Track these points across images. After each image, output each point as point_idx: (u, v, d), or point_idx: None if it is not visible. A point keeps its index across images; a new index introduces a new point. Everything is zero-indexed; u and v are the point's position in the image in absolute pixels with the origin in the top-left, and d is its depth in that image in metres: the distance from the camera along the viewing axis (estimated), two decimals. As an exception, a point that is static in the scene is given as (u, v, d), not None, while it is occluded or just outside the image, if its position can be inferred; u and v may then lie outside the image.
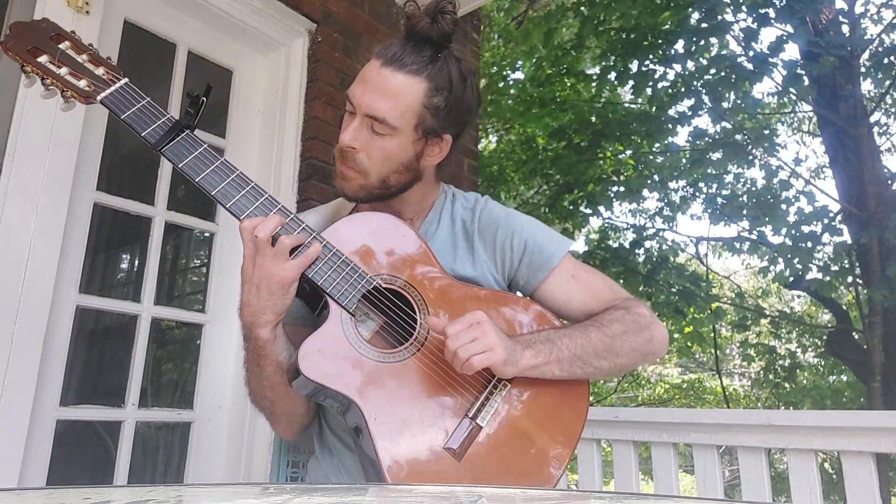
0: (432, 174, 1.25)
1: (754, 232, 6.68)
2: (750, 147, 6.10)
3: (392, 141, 1.12)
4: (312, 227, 1.09)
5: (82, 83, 1.05)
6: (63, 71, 1.05)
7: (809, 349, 9.62)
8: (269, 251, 1.02)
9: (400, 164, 1.15)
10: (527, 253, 1.22)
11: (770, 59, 5.57)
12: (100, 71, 1.07)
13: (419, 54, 1.12)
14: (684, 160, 6.59)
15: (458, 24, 1.14)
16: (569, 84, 6.88)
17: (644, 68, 6.12)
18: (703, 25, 5.78)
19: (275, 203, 1.08)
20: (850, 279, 6.42)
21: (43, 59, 1.04)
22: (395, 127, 1.11)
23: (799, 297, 11.79)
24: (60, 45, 1.07)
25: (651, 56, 6.05)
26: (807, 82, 5.78)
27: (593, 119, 6.72)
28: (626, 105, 6.89)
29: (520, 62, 7.00)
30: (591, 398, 1.20)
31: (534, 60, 6.88)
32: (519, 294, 1.26)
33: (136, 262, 2.72)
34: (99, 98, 1.04)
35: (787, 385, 8.06)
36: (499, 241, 1.23)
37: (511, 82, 7.12)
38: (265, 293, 1.03)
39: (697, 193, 7.24)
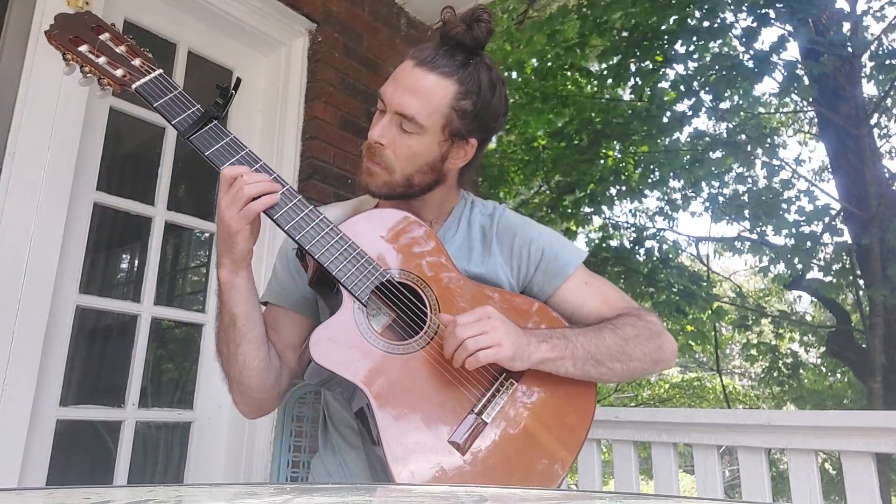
0: (455, 179, 1.27)
1: (755, 232, 6.68)
2: (750, 147, 6.10)
3: (419, 140, 1.15)
4: (331, 221, 1.12)
5: (119, 72, 1.09)
6: (101, 60, 1.09)
7: (812, 349, 9.61)
8: (229, 196, 1.04)
9: (425, 163, 1.17)
10: (543, 260, 1.24)
11: (771, 59, 5.57)
12: (136, 62, 1.11)
13: (451, 58, 1.15)
14: (685, 158, 6.59)
15: (493, 32, 1.17)
16: (570, 78, 6.88)
17: (645, 68, 6.12)
18: (705, 24, 5.77)
19: (294, 194, 1.10)
20: (850, 279, 6.41)
21: (83, 48, 1.09)
22: (422, 126, 1.13)
23: (800, 297, 11.79)
24: (101, 36, 1.12)
25: (651, 55, 6.04)
26: (807, 82, 5.78)
27: (594, 117, 6.71)
28: (629, 101, 6.86)
29: (522, 59, 6.99)
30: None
31: (536, 55, 6.88)
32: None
33: (136, 262, 2.72)
34: (134, 87, 1.09)
35: (790, 382, 8.04)
36: (516, 247, 1.25)
37: (514, 78, 7.12)
38: (220, 237, 1.07)
39: (698, 193, 7.24)
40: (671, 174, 6.84)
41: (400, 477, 1.01)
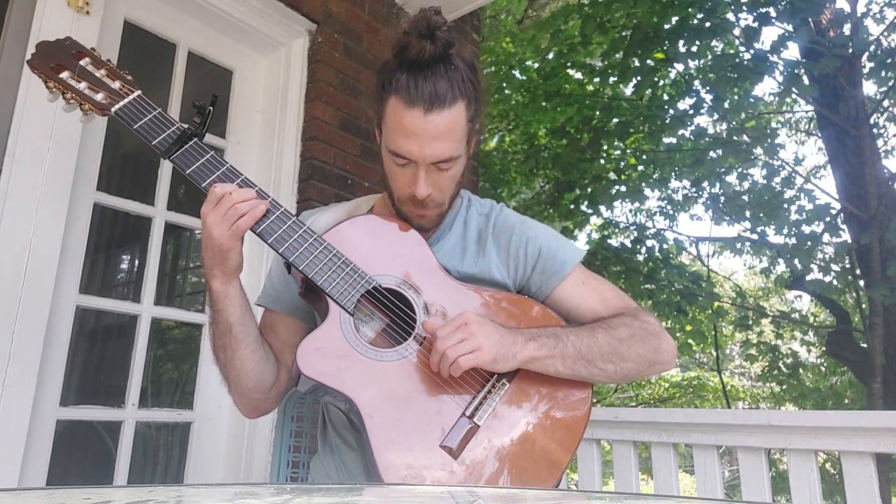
0: None
1: (755, 232, 6.68)
2: (750, 147, 6.10)
3: (457, 164, 1.16)
4: (317, 230, 1.12)
5: (99, 96, 1.11)
6: (82, 86, 1.11)
7: (813, 348, 9.61)
8: (220, 212, 1.05)
9: (461, 174, 1.19)
10: (540, 260, 1.23)
11: (771, 58, 5.57)
12: (116, 84, 1.13)
13: (441, 79, 1.09)
14: (683, 159, 6.59)
15: (452, 29, 1.13)
16: (571, 77, 6.88)
17: (646, 66, 6.12)
18: (707, 25, 5.78)
19: (278, 206, 1.10)
20: (850, 279, 6.41)
21: (64, 74, 1.11)
22: (459, 156, 1.14)
23: (799, 297, 11.79)
24: (81, 62, 1.13)
25: (653, 54, 6.04)
26: (807, 82, 5.78)
27: (597, 114, 6.71)
28: (630, 99, 6.86)
29: (527, 53, 7.00)
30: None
31: (539, 53, 6.89)
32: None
33: (136, 262, 2.73)
34: (113, 110, 1.10)
35: (790, 382, 8.04)
36: (513, 247, 1.24)
37: (517, 77, 7.12)
38: (209, 251, 1.08)
39: (700, 193, 7.24)
40: (672, 173, 6.84)
41: None
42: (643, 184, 6.99)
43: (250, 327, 1.14)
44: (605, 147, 6.89)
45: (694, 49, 5.93)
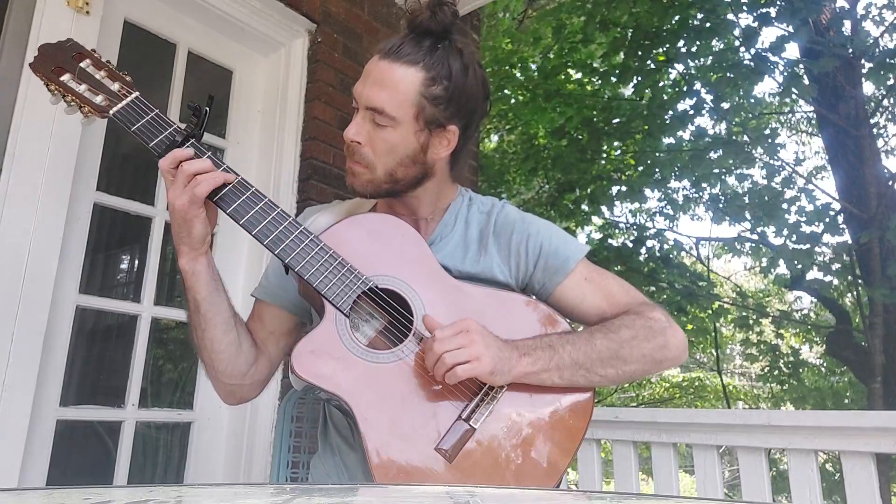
0: (446, 171, 1.24)
1: (755, 232, 6.68)
2: (749, 148, 6.10)
3: (394, 132, 1.13)
4: (314, 230, 1.11)
5: (99, 99, 1.11)
6: (82, 88, 1.11)
7: (815, 346, 9.61)
8: (179, 181, 1.05)
9: (405, 156, 1.15)
10: (542, 257, 1.21)
11: (771, 58, 5.58)
12: (115, 86, 1.12)
13: (417, 45, 1.13)
14: (684, 157, 6.59)
15: (458, 15, 1.15)
16: (573, 76, 6.89)
17: (647, 67, 6.12)
18: (707, 25, 5.78)
19: (274, 207, 1.10)
20: (850, 279, 6.41)
21: (65, 77, 1.11)
22: (394, 117, 1.11)
23: (800, 297, 11.78)
24: (81, 63, 1.13)
25: (654, 54, 6.05)
26: (807, 82, 5.78)
27: (595, 115, 6.71)
28: (630, 99, 6.85)
29: (527, 50, 7.01)
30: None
31: (542, 49, 6.90)
32: (532, 297, 1.24)
33: (136, 262, 2.72)
34: (111, 112, 1.10)
35: (791, 381, 8.03)
36: (514, 244, 1.22)
37: (519, 74, 7.12)
38: (174, 224, 1.08)
39: (700, 193, 7.24)
40: (672, 174, 6.84)
41: None
42: (643, 186, 6.99)
43: (220, 307, 1.13)
44: (605, 147, 6.89)
45: (694, 49, 5.94)
